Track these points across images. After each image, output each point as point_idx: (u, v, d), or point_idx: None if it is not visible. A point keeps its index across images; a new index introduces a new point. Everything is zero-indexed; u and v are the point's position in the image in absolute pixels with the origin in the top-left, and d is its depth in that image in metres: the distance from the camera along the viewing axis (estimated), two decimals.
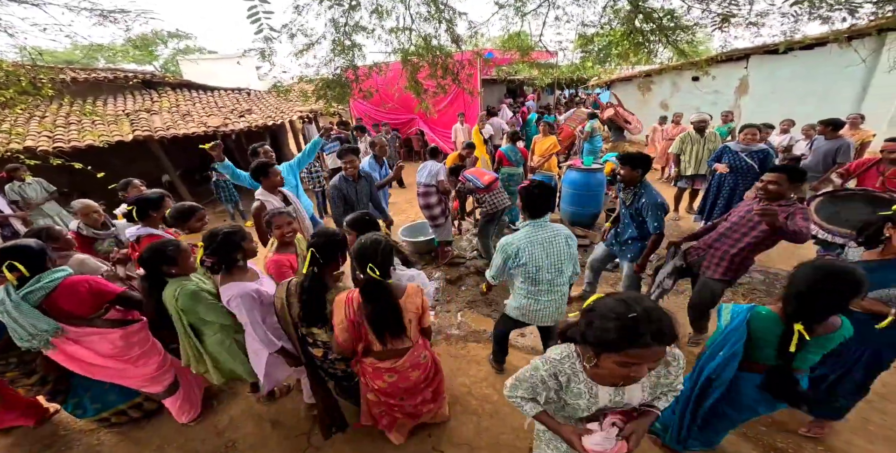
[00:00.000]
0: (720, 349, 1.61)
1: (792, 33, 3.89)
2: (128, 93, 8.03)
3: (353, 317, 1.65)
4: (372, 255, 1.61)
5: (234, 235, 1.85)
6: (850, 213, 2.81)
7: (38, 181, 4.61)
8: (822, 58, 7.17)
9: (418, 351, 1.86)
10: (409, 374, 1.86)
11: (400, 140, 9.47)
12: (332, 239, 1.78)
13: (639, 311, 0.94)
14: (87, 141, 5.48)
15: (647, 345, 0.93)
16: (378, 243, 1.65)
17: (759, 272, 3.86)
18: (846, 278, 1.31)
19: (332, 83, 4.16)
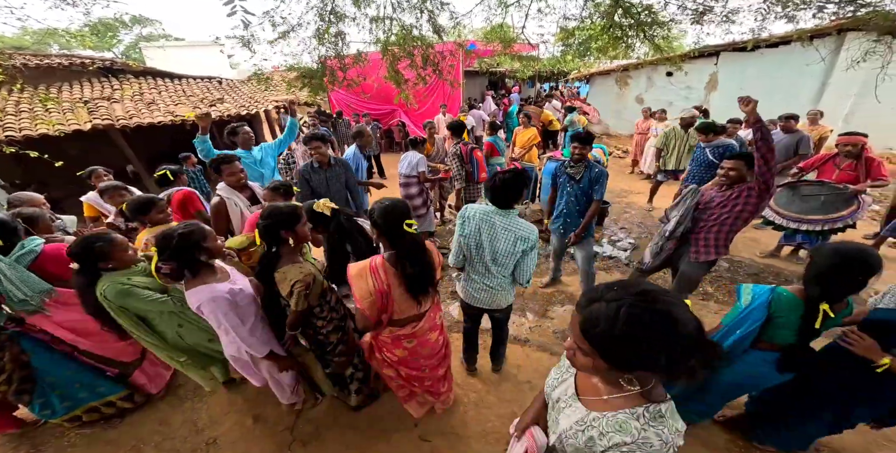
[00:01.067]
0: (738, 327, 1.65)
1: (760, 31, 4.06)
2: (85, 80, 7.49)
3: (382, 286, 1.57)
4: (404, 213, 1.57)
5: (191, 235, 1.62)
6: (805, 202, 3.06)
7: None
8: (787, 56, 7.52)
9: (434, 312, 1.86)
10: (427, 337, 1.84)
11: (381, 131, 9.32)
12: (272, 217, 1.69)
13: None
14: (41, 129, 5.11)
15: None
16: (403, 201, 1.64)
17: (724, 260, 4.05)
18: (864, 259, 1.38)
19: (315, 72, 4.05)
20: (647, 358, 0.75)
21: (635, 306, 0.73)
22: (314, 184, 3.30)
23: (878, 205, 5.27)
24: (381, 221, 1.57)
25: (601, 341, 0.77)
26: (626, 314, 0.73)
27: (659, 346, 0.73)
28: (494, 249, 1.98)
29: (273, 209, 1.72)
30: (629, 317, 0.73)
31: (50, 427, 2.33)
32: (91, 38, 4.83)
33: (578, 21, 4.84)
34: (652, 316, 0.73)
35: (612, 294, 0.78)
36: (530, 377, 2.59)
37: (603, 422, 0.86)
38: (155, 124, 5.96)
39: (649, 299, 0.74)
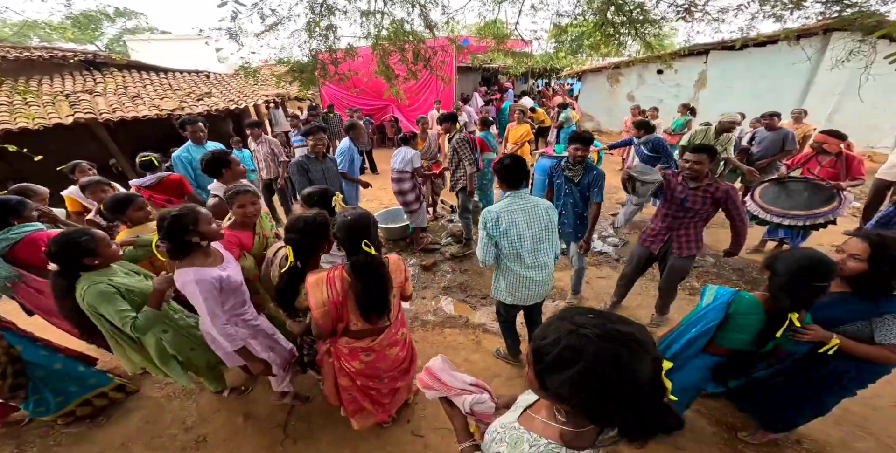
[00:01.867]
0: (694, 326, 1.65)
1: (748, 30, 4.12)
2: (66, 73, 7.26)
3: (336, 297, 1.56)
4: (364, 229, 1.53)
5: (184, 217, 1.65)
6: (790, 197, 3.15)
7: None
8: (774, 55, 7.63)
9: (395, 329, 1.82)
10: (386, 352, 1.81)
11: (373, 126, 9.25)
12: (307, 229, 1.66)
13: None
14: (21, 123, 4.94)
15: None
16: (367, 217, 1.58)
17: (711, 255, 4.12)
18: (813, 265, 1.38)
19: (305, 66, 3.99)
20: (573, 398, 0.67)
21: (591, 341, 0.65)
22: (313, 176, 3.29)
23: (859, 202, 5.41)
24: (339, 235, 1.56)
25: (540, 361, 0.70)
26: (579, 346, 0.65)
27: (600, 393, 0.64)
28: (537, 228, 2.07)
29: (306, 221, 1.67)
30: (577, 349, 0.65)
31: (34, 426, 2.28)
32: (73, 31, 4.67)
33: (571, 18, 4.85)
34: (605, 357, 0.63)
35: (582, 319, 0.69)
36: (524, 373, 2.60)
37: (510, 433, 0.81)
38: (140, 118, 5.82)
39: (612, 338, 0.65)
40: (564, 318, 0.72)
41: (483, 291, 3.63)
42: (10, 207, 2.14)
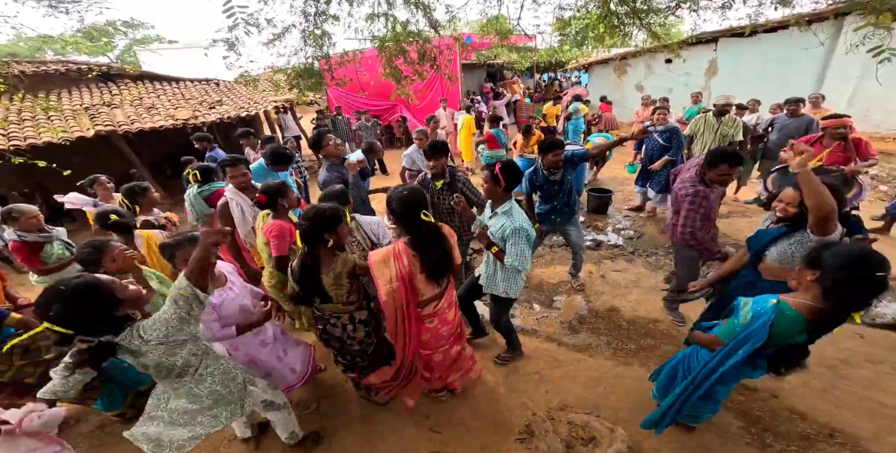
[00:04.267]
0: (740, 347, 1.49)
1: (756, 17, 4.03)
2: (83, 86, 7.52)
3: (404, 271, 1.64)
4: (421, 201, 1.65)
5: (166, 248, 1.77)
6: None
7: None
8: (785, 40, 7.43)
9: (451, 289, 1.93)
10: (446, 316, 1.91)
11: (381, 127, 9.32)
12: (318, 219, 1.70)
13: None
14: (46, 138, 5.15)
15: None
16: (420, 191, 1.70)
17: (732, 245, 4.07)
18: (881, 255, 1.28)
19: (304, 72, 4.07)
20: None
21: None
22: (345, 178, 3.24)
23: (885, 185, 5.25)
24: (398, 209, 1.65)
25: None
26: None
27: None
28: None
29: (316, 210, 1.73)
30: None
31: (81, 427, 2.41)
32: (86, 44, 4.85)
33: (574, 10, 4.82)
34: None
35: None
36: (539, 368, 2.64)
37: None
38: (157, 128, 6.00)
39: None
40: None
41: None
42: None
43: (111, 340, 1.24)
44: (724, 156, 2.25)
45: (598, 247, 4.24)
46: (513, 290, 2.27)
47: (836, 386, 2.33)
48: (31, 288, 4.25)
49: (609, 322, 3.08)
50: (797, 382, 2.33)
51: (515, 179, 2.05)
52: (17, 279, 4.55)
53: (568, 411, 2.28)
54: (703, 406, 1.83)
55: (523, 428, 2.20)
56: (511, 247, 2.01)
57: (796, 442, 2.02)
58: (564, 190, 3.02)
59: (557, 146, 2.84)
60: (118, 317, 1.29)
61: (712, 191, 2.39)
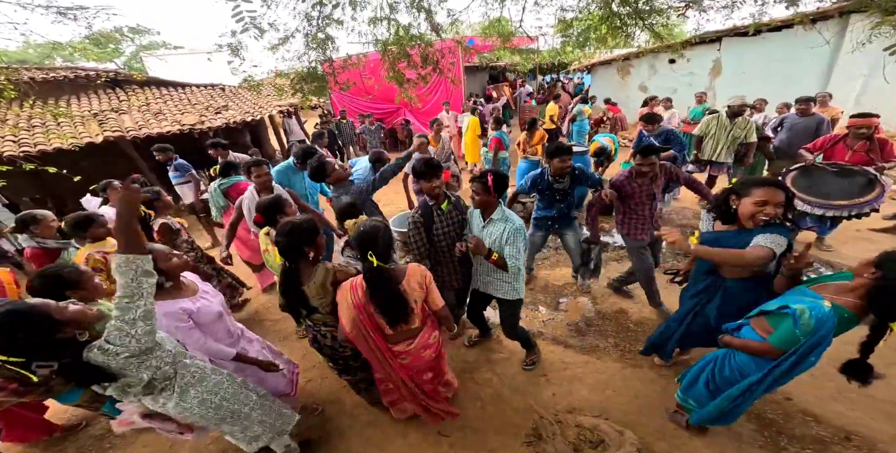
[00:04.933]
0: (809, 352, 1.47)
1: (760, 16, 4.01)
2: (91, 92, 7.62)
3: (360, 303, 1.66)
4: (371, 242, 1.63)
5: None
6: (824, 185, 2.98)
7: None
8: (790, 39, 7.38)
9: (429, 333, 1.88)
10: (421, 354, 1.89)
11: (384, 130, 9.36)
12: (293, 235, 1.69)
13: None
14: (55, 144, 5.23)
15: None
16: (378, 229, 1.66)
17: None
18: None
19: (307, 77, 4.09)
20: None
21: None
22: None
23: None
24: (353, 243, 1.72)
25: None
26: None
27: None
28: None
29: (292, 225, 1.72)
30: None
31: (91, 431, 2.44)
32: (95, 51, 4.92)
33: (576, 12, 4.82)
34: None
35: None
36: (546, 370, 2.63)
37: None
38: (164, 134, 6.06)
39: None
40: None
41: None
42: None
43: (73, 362, 1.20)
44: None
45: (604, 249, 4.22)
46: (520, 290, 2.30)
47: (852, 389, 2.26)
48: None
49: (616, 324, 3.06)
50: (811, 384, 2.29)
51: (504, 186, 2.10)
52: None
53: (576, 414, 2.27)
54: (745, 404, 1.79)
55: (530, 431, 2.19)
56: (510, 247, 2.05)
57: (811, 446, 1.99)
58: (567, 200, 3.02)
59: (565, 151, 2.79)
60: (62, 340, 1.22)
61: (629, 183, 2.72)
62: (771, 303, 1.60)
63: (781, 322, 1.51)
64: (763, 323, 1.63)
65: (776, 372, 1.55)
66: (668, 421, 2.16)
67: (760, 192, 1.65)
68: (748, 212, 1.68)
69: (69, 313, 1.26)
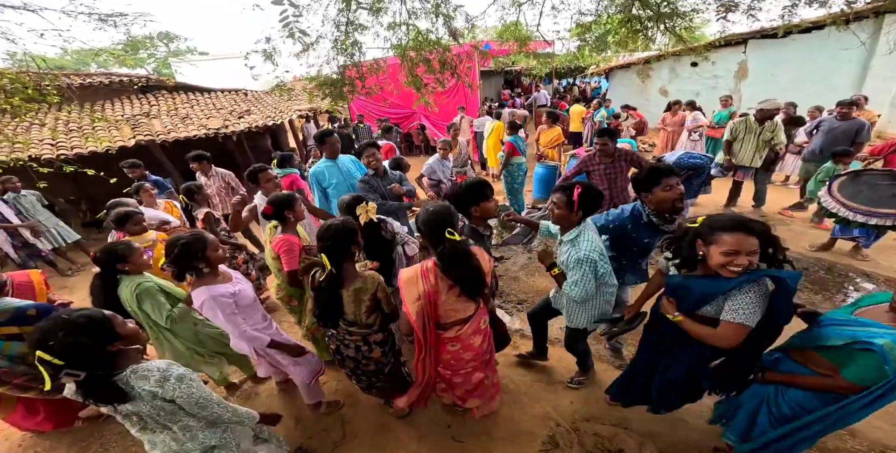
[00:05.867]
0: (891, 392, 1.35)
1: (790, 17, 3.89)
2: (124, 97, 7.99)
3: (431, 290, 1.63)
4: (448, 220, 1.62)
5: (192, 245, 1.78)
6: (873, 193, 2.84)
7: (34, 193, 4.66)
8: (821, 41, 7.14)
9: (480, 317, 1.84)
10: (471, 342, 1.83)
11: (401, 135, 9.46)
12: (339, 236, 1.72)
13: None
14: (90, 147, 5.49)
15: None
16: (448, 208, 1.69)
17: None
18: None
19: (335, 81, 4.18)
20: None
21: None
22: (378, 190, 3.17)
23: None
24: (423, 227, 1.65)
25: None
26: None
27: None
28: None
29: (334, 227, 1.72)
30: None
31: (114, 426, 2.52)
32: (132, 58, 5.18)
33: (594, 16, 4.78)
34: None
35: None
36: (563, 377, 2.59)
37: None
38: (191, 138, 6.29)
39: None
40: None
41: (519, 296, 3.63)
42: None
43: (101, 376, 1.22)
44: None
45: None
46: (575, 320, 2.10)
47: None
48: (73, 290, 4.54)
49: (636, 331, 2.98)
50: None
51: (594, 206, 1.83)
52: (60, 282, 4.84)
53: (594, 422, 2.22)
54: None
55: (547, 439, 2.16)
56: (571, 273, 1.85)
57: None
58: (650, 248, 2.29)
59: (668, 173, 1.94)
60: (110, 353, 1.25)
61: (594, 161, 3.44)
62: (829, 337, 1.41)
63: (857, 358, 1.35)
64: (815, 357, 1.47)
65: (854, 406, 1.40)
66: (690, 432, 2.10)
67: (730, 240, 1.35)
68: (717, 263, 1.40)
69: (129, 329, 1.32)
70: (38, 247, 4.63)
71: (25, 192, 4.61)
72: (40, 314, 2.05)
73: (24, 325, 2.01)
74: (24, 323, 2.01)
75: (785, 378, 1.54)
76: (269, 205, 2.26)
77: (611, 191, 3.45)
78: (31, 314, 2.04)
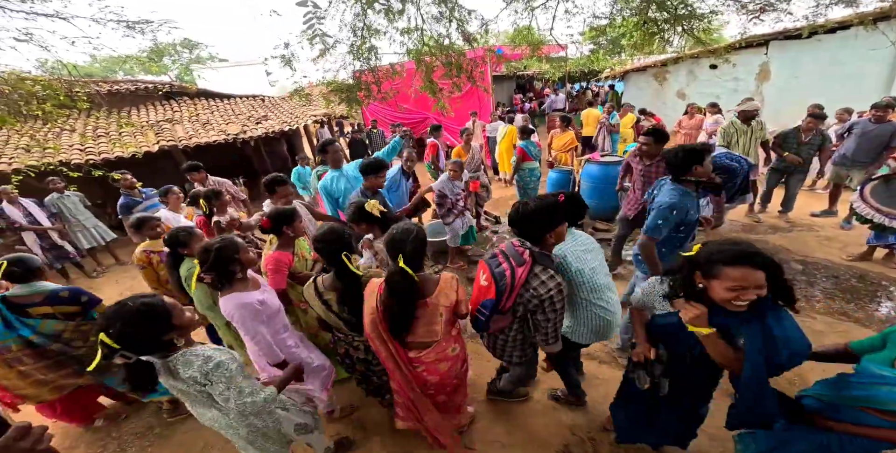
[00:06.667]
0: None
1: (815, 17, 3.78)
2: (149, 103, 8.29)
3: (381, 305, 1.62)
4: (402, 244, 1.57)
5: (227, 249, 1.76)
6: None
7: (77, 194, 4.87)
8: (847, 41, 6.90)
9: (446, 344, 1.76)
10: (435, 366, 1.77)
11: (413, 140, 9.52)
12: (330, 238, 1.75)
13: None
14: (117, 152, 5.71)
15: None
16: (410, 232, 1.60)
17: (797, 262, 3.76)
18: None
19: (351, 87, 4.24)
20: None
21: None
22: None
23: None
24: (386, 247, 1.65)
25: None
26: None
27: None
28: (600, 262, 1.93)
29: (327, 234, 1.75)
30: None
31: (132, 427, 2.60)
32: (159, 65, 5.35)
33: (608, 19, 4.74)
34: None
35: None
36: None
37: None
38: (211, 143, 6.48)
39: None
40: None
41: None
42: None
43: (149, 361, 1.27)
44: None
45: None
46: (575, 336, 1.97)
47: None
48: (98, 292, 4.66)
49: None
50: None
51: (579, 215, 1.89)
52: (86, 283, 5.01)
53: (610, 433, 2.17)
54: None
55: (561, 449, 2.12)
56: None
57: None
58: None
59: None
60: (164, 341, 1.31)
61: (635, 160, 3.38)
62: (887, 402, 1.18)
63: None
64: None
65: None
66: (710, 443, 2.03)
67: (735, 274, 1.20)
68: (722, 299, 1.25)
69: (185, 319, 1.37)
70: (67, 248, 4.82)
71: (69, 193, 4.82)
72: (72, 295, 2.22)
73: (57, 305, 2.17)
74: (58, 303, 2.17)
75: (851, 429, 1.26)
76: (268, 219, 2.20)
77: (644, 192, 3.32)
78: (63, 295, 2.19)
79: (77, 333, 2.20)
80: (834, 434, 1.28)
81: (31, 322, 2.08)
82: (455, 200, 4.12)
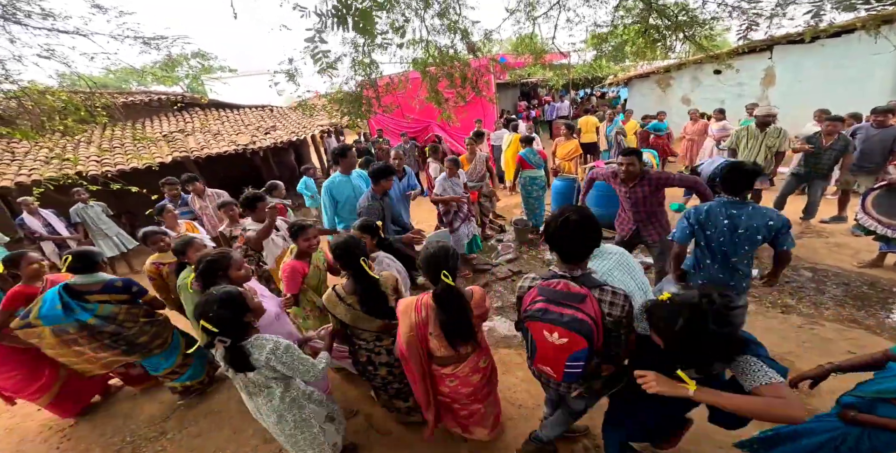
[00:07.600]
0: None
1: (818, 21, 3.79)
2: (161, 115, 8.52)
3: (421, 323, 1.67)
4: (444, 261, 1.63)
5: (216, 263, 1.90)
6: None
7: (100, 204, 5.07)
8: (851, 45, 6.89)
9: (478, 356, 1.85)
10: (469, 379, 1.84)
11: (418, 148, 9.63)
12: (341, 249, 1.89)
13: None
14: (132, 164, 5.87)
15: None
16: (447, 249, 1.68)
17: (807, 269, 3.73)
18: None
19: (354, 100, 4.32)
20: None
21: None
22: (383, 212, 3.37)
23: None
24: (423, 265, 1.69)
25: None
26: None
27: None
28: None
29: (347, 242, 1.91)
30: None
31: (145, 433, 2.66)
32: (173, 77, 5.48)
33: (610, 27, 4.79)
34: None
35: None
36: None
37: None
38: (222, 153, 6.63)
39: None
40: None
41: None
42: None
43: (240, 346, 1.53)
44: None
45: (646, 271, 4.05)
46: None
47: None
48: None
49: None
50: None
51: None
52: None
53: None
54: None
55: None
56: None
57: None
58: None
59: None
60: (244, 323, 1.57)
61: (617, 184, 3.00)
62: None
63: None
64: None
65: None
66: (717, 449, 2.02)
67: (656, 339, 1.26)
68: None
69: (255, 303, 1.65)
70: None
71: (92, 204, 5.04)
72: (125, 285, 2.50)
73: (112, 293, 2.44)
74: (113, 291, 2.45)
75: (879, 420, 1.29)
76: (289, 229, 2.43)
77: (635, 215, 3.03)
78: (117, 285, 2.47)
79: (129, 315, 2.48)
80: (857, 429, 1.31)
81: (91, 306, 2.34)
82: (458, 206, 4.17)
